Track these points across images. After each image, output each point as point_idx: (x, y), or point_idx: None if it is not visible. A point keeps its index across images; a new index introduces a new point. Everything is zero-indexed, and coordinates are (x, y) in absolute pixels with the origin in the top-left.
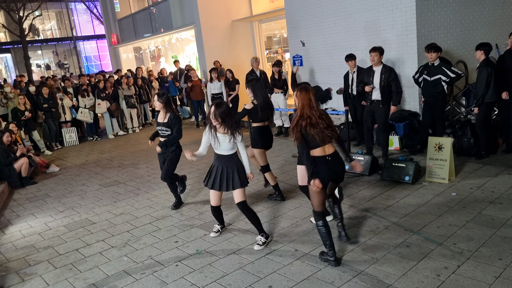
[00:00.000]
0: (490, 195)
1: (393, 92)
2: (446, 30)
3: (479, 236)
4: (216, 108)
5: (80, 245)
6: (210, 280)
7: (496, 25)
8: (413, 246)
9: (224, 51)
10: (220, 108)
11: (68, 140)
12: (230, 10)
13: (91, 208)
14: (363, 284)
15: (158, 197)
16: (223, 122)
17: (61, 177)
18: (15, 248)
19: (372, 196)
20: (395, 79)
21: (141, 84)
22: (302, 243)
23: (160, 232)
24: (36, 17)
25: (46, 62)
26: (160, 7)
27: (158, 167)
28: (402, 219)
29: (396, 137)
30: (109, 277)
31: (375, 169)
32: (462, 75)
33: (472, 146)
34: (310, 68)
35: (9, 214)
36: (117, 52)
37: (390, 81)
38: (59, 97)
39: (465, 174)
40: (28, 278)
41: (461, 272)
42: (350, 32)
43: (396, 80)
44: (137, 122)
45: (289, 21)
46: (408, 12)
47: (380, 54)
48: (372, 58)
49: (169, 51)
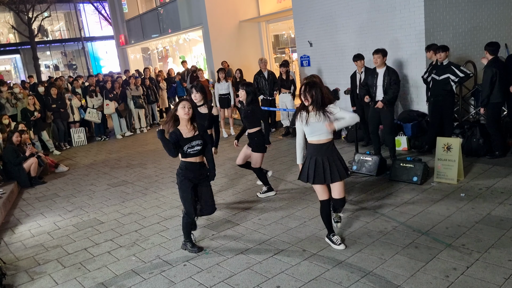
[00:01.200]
0: (500, 196)
1: (389, 91)
2: (454, 30)
3: (488, 237)
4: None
5: (89, 244)
6: (218, 280)
7: (506, 24)
8: (422, 247)
9: (231, 51)
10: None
11: (77, 140)
12: (237, 10)
13: (99, 207)
14: (371, 284)
15: (166, 197)
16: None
17: (69, 177)
18: (25, 247)
19: (380, 196)
20: (395, 81)
21: (148, 84)
22: (310, 243)
23: (168, 231)
24: (45, 18)
25: (55, 63)
26: (167, 8)
27: (165, 167)
28: (411, 220)
29: (404, 137)
30: (118, 277)
31: (383, 169)
32: (471, 75)
33: (481, 147)
34: (318, 68)
35: (19, 214)
36: (125, 52)
37: (391, 83)
38: (68, 97)
39: (474, 175)
40: (37, 277)
41: (470, 273)
42: (358, 32)
43: (396, 83)
44: (144, 123)
45: (296, 21)
46: (417, 12)
47: (383, 56)
48: (375, 60)
49: (176, 52)
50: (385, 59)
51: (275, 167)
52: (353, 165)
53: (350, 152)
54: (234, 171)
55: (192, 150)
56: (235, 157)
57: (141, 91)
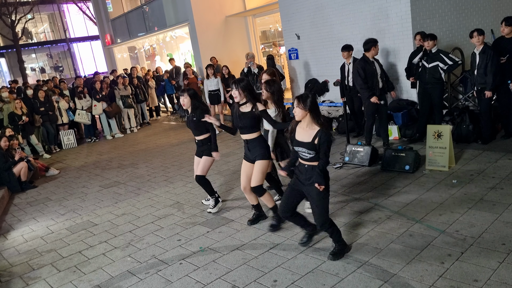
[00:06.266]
0: (491, 181)
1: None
2: (441, 17)
3: (482, 222)
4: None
5: (83, 247)
6: (215, 276)
7: (491, 10)
8: (416, 235)
9: (219, 47)
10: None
11: (67, 142)
12: (223, 5)
13: (92, 209)
14: (368, 274)
15: (159, 196)
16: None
17: (61, 180)
18: (18, 253)
19: (373, 186)
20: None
21: (137, 83)
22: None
23: (163, 231)
24: (28, 21)
25: (41, 65)
26: (152, 5)
27: (157, 166)
28: (404, 208)
29: (395, 126)
30: (114, 278)
31: (375, 159)
32: (459, 63)
33: (471, 133)
34: (306, 61)
35: (10, 219)
36: (112, 52)
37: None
38: (55, 99)
39: (465, 161)
40: (32, 282)
41: (464, 259)
42: (345, 23)
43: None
44: (134, 122)
45: (283, 14)
46: (402, 0)
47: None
48: (375, 51)
49: (164, 50)
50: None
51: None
52: (345, 156)
53: (341, 143)
54: (226, 167)
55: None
56: (227, 153)
57: (129, 91)
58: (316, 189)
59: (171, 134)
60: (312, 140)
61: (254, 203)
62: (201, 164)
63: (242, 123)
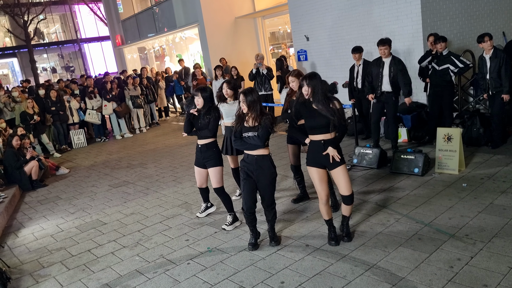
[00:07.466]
0: (502, 185)
1: (401, 84)
2: (452, 19)
3: (492, 226)
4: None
5: (92, 246)
6: (222, 277)
7: (503, 12)
8: (425, 238)
9: (228, 48)
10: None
11: (77, 142)
12: (233, 7)
13: (101, 209)
14: (376, 277)
15: (167, 196)
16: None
17: (71, 179)
18: (28, 251)
19: (381, 189)
20: (402, 70)
21: (146, 84)
22: (313, 238)
23: (171, 230)
24: (40, 21)
25: (52, 66)
26: (163, 6)
27: (166, 166)
28: (413, 212)
29: (404, 129)
30: (122, 277)
31: (384, 162)
32: (470, 66)
33: (481, 136)
34: (315, 62)
35: (21, 217)
36: (122, 53)
37: (398, 72)
38: (66, 99)
39: (475, 165)
40: (42, 280)
41: (474, 263)
42: (355, 25)
43: (404, 71)
44: (144, 122)
45: (292, 16)
46: (413, 2)
47: (390, 46)
48: (382, 51)
49: (173, 50)
50: (390, 48)
51: (275, 163)
52: (354, 159)
53: (350, 145)
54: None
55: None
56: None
57: (139, 91)
58: (268, 177)
59: (180, 135)
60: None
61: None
62: (212, 177)
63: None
